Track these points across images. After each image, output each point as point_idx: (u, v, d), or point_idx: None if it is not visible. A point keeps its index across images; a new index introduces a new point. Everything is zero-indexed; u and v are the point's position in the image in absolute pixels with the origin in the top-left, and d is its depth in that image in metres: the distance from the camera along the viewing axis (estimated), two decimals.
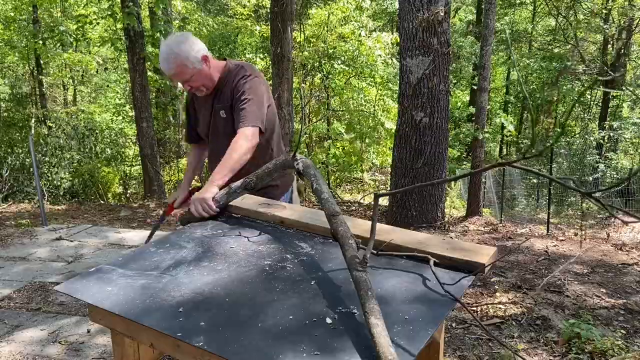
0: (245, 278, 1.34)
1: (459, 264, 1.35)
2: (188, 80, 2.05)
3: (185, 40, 2.04)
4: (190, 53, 2.00)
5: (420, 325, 1.11)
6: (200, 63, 2.03)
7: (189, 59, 2.00)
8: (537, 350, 2.58)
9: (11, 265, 4.04)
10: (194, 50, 2.02)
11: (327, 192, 1.47)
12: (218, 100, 2.14)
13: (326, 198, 1.44)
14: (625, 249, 4.49)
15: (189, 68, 2.01)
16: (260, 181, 1.74)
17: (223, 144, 2.06)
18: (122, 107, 13.28)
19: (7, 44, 12.06)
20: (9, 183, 8.59)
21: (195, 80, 2.06)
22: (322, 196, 1.46)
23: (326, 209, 1.42)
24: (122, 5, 7.73)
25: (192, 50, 2.01)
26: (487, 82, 6.71)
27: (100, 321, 1.34)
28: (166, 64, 2.02)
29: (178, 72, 2.03)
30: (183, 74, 2.03)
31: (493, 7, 6.61)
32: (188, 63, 2.00)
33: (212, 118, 2.18)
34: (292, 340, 1.07)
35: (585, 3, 14.86)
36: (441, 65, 5.20)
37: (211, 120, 2.19)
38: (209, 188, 1.83)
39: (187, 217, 1.82)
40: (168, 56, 2.00)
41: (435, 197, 5.48)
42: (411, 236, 1.51)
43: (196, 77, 2.05)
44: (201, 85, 2.09)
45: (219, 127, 2.17)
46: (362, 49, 11.15)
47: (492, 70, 17.20)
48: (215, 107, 2.15)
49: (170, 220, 6.30)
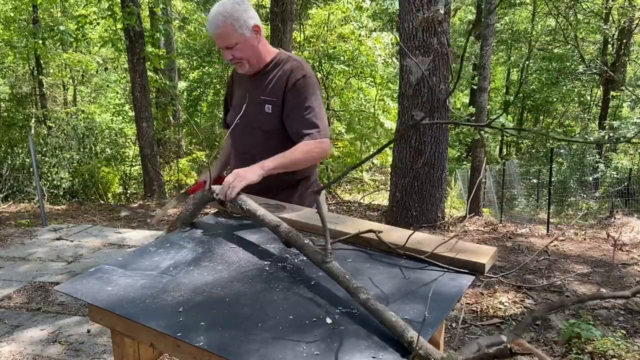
0: (245, 278, 1.34)
1: (459, 264, 1.35)
2: (232, 47, 1.81)
3: (242, 2, 1.81)
4: (242, 15, 1.78)
5: (419, 326, 1.11)
6: (250, 31, 1.80)
7: (239, 20, 1.77)
8: (537, 350, 2.58)
9: (11, 265, 4.04)
10: (248, 15, 1.80)
11: (260, 209, 1.50)
12: (263, 91, 1.88)
13: (262, 214, 1.47)
14: (625, 249, 4.50)
15: (237, 32, 1.78)
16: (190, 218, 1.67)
17: (253, 141, 1.89)
18: (122, 107, 13.28)
19: (7, 44, 12.07)
20: (9, 183, 8.59)
21: (239, 49, 1.82)
22: (257, 214, 1.48)
23: (267, 223, 1.45)
24: (122, 5, 7.73)
25: (245, 14, 1.79)
26: (486, 82, 6.71)
27: (100, 321, 1.34)
28: (213, 22, 1.78)
29: (223, 34, 1.78)
30: (229, 36, 1.78)
31: (493, 7, 6.62)
32: (237, 25, 1.77)
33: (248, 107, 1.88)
34: (292, 340, 1.07)
35: (585, 3, 14.86)
36: (441, 65, 5.20)
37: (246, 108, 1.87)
38: (252, 169, 1.66)
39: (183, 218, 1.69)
40: (217, 14, 1.77)
41: (435, 197, 5.48)
42: (411, 236, 1.51)
43: (242, 45, 1.81)
44: (245, 57, 1.84)
45: (255, 121, 1.90)
46: (362, 49, 11.15)
47: (492, 70, 17.21)
48: (259, 97, 1.88)
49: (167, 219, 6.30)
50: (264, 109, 1.88)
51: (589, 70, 14.96)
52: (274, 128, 1.87)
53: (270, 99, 1.87)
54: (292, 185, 1.96)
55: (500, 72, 21.51)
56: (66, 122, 10.88)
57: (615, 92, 14.53)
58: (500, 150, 20.24)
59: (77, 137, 10.35)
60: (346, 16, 11.47)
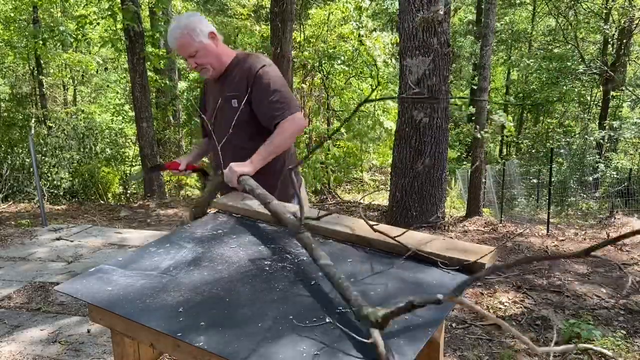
0: (245, 278, 1.34)
1: (459, 264, 1.35)
2: (193, 55, 2.00)
3: (194, 15, 2.02)
4: (197, 26, 1.97)
5: (420, 325, 1.11)
6: (206, 38, 1.99)
7: (195, 30, 1.96)
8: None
9: (11, 265, 4.04)
10: (202, 24, 1.99)
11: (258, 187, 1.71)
12: (228, 88, 2.06)
13: (258, 192, 1.68)
14: (625, 249, 4.50)
15: (194, 41, 1.97)
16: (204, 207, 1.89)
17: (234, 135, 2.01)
18: (122, 107, 13.28)
19: (7, 44, 12.06)
20: (9, 183, 8.59)
21: (200, 56, 2.01)
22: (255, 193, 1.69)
23: (261, 199, 1.64)
24: (122, 5, 7.73)
25: (200, 24, 1.98)
26: (487, 82, 6.71)
27: (100, 321, 1.34)
28: (172, 35, 1.99)
29: (183, 44, 1.98)
30: (188, 46, 1.98)
31: (493, 7, 6.62)
32: (194, 35, 1.96)
33: (219, 106, 2.10)
34: (292, 340, 1.07)
35: (585, 3, 14.85)
36: (441, 65, 5.20)
37: (217, 108, 2.11)
38: (245, 165, 1.87)
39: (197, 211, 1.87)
40: (174, 28, 1.98)
41: (435, 197, 5.48)
42: (411, 236, 1.51)
43: (202, 52, 2.00)
44: (207, 63, 2.03)
45: (227, 117, 2.06)
46: (362, 49, 11.14)
47: (492, 70, 17.20)
48: (226, 95, 2.06)
49: (167, 221, 6.30)
50: (231, 104, 2.04)
51: (589, 70, 14.96)
52: (245, 119, 2.02)
53: (235, 94, 2.03)
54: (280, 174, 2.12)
55: (500, 72, 21.51)
56: (66, 122, 10.88)
57: (615, 92, 14.53)
58: (500, 150, 20.23)
59: (77, 137, 10.35)
60: (346, 16, 11.47)
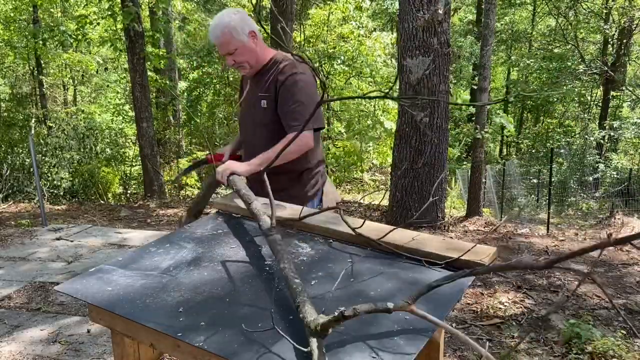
0: (246, 278, 1.34)
1: (459, 264, 1.35)
2: (232, 52, 2.01)
3: (237, 12, 2.02)
4: (237, 24, 1.98)
5: (420, 325, 1.11)
6: (246, 36, 2.00)
7: (235, 29, 1.97)
8: (537, 350, 2.58)
9: (11, 265, 4.04)
10: (243, 23, 1.99)
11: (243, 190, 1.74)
12: (261, 88, 2.07)
13: (242, 192, 1.73)
14: (625, 249, 4.50)
15: (234, 39, 1.98)
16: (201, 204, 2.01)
17: (256, 134, 2.04)
18: (122, 107, 13.28)
19: (7, 44, 12.07)
20: (9, 183, 8.59)
21: (239, 54, 2.02)
22: (240, 192, 1.73)
23: (244, 199, 1.68)
24: (122, 5, 7.73)
25: (241, 22, 1.99)
26: (487, 82, 6.70)
27: (100, 321, 1.34)
28: (213, 33, 2.00)
29: (223, 42, 1.99)
30: (228, 44, 1.99)
31: (493, 7, 6.61)
32: (234, 34, 1.97)
33: (250, 104, 2.14)
34: (292, 340, 1.07)
35: (585, 3, 14.85)
36: (441, 65, 5.20)
37: (249, 105, 2.15)
38: (242, 165, 1.91)
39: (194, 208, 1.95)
40: (216, 26, 1.98)
41: (435, 197, 5.47)
42: (411, 236, 1.51)
43: (240, 50, 2.01)
44: (244, 61, 2.04)
45: (256, 116, 2.10)
46: (362, 49, 11.15)
47: (492, 70, 17.19)
48: (258, 94, 2.08)
49: (168, 219, 6.29)
50: (261, 104, 2.07)
51: (589, 70, 14.96)
52: (270, 121, 2.05)
53: (265, 95, 2.05)
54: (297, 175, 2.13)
55: (500, 72, 21.50)
56: (66, 122, 10.88)
57: (615, 92, 14.53)
58: (500, 150, 20.23)
59: (77, 137, 10.35)
60: (346, 16, 11.47)
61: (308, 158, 2.12)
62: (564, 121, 19.56)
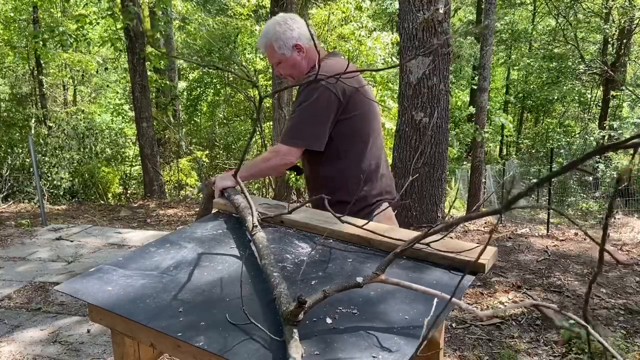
0: (245, 278, 1.34)
1: (459, 264, 1.35)
2: (276, 64, 1.90)
3: (284, 21, 1.84)
4: (281, 36, 1.82)
5: (419, 325, 1.11)
6: (289, 50, 1.84)
7: (278, 42, 1.82)
8: (537, 350, 2.59)
9: (11, 265, 4.04)
10: (289, 34, 1.82)
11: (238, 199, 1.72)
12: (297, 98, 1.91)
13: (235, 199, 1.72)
14: (625, 248, 4.50)
15: (277, 52, 1.84)
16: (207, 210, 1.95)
17: None
18: (122, 107, 13.28)
19: (7, 44, 12.06)
20: (9, 183, 8.59)
21: (281, 67, 1.89)
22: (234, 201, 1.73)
23: (234, 203, 1.70)
24: (122, 5, 7.73)
25: (285, 34, 1.82)
26: (487, 82, 6.71)
27: (100, 321, 1.34)
28: (260, 42, 1.90)
29: (267, 54, 1.90)
30: (271, 56, 1.88)
31: (493, 7, 6.61)
32: (276, 46, 1.83)
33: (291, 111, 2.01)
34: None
35: (585, 3, 14.85)
36: (441, 65, 5.20)
37: None
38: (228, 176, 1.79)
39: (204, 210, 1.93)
40: (262, 34, 1.87)
41: (435, 197, 5.47)
42: (410, 236, 1.51)
43: (283, 64, 1.87)
44: (287, 75, 1.92)
45: None
46: (362, 49, 11.15)
47: (492, 70, 17.20)
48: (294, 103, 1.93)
49: (165, 220, 6.29)
50: None
51: (589, 70, 14.95)
52: None
53: None
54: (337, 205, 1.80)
55: (500, 72, 21.49)
56: (66, 122, 10.88)
57: (615, 92, 14.53)
58: (500, 150, 20.23)
59: (77, 137, 10.35)
60: (346, 16, 11.46)
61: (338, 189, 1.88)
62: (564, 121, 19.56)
